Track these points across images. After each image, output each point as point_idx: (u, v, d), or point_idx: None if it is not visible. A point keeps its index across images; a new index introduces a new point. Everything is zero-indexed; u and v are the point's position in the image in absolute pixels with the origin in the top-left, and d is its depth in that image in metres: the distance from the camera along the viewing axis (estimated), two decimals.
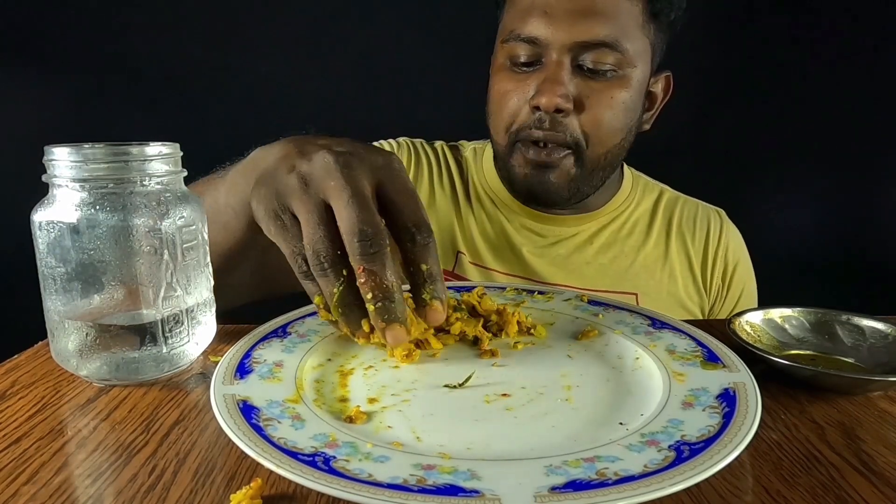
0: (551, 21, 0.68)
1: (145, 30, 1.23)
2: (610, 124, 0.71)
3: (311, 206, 0.40)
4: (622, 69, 0.70)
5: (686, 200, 0.88)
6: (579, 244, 0.82)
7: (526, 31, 0.69)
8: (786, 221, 1.33)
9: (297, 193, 0.41)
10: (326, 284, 0.41)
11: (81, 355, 0.42)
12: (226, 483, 0.32)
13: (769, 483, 0.32)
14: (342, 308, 0.41)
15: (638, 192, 0.86)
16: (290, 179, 0.42)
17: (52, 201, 0.41)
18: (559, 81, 0.68)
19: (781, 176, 1.33)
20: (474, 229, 0.82)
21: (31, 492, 0.31)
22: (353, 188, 0.40)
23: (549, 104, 0.68)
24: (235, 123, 1.26)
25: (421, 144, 0.89)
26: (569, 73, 0.69)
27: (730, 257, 0.85)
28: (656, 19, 0.72)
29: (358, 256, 0.39)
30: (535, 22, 0.69)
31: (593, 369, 0.43)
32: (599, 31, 0.67)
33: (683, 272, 0.83)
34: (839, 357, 0.48)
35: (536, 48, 0.70)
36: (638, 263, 0.82)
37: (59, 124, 1.25)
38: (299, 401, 0.37)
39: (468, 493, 0.28)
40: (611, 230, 0.83)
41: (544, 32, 0.68)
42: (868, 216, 1.35)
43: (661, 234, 0.84)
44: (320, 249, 0.40)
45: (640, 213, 0.85)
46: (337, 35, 1.25)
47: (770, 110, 1.30)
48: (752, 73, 1.28)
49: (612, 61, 0.69)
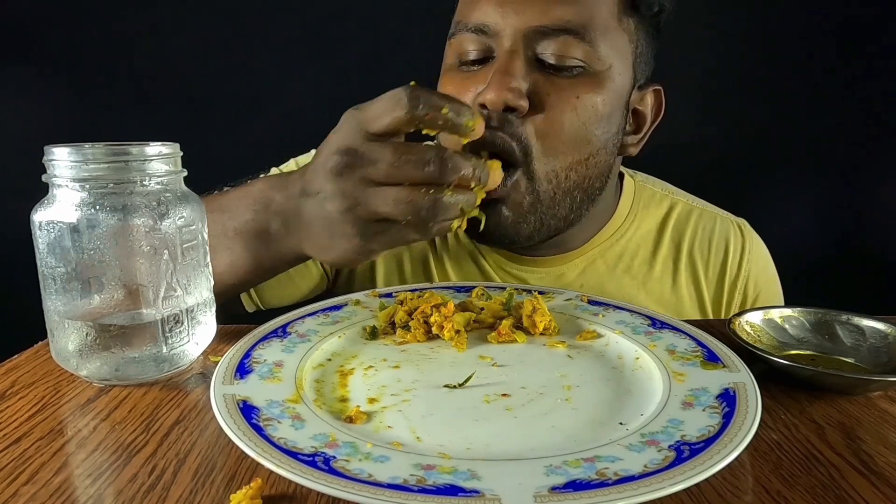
0: (502, 3, 0.57)
1: (145, 30, 1.23)
2: (573, 131, 0.57)
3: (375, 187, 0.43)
4: (591, 65, 0.57)
5: (703, 213, 0.74)
6: (568, 284, 0.69)
7: (473, 19, 0.58)
8: (786, 221, 1.33)
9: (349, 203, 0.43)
10: (460, 163, 0.43)
11: (81, 355, 0.42)
12: (226, 483, 0.32)
13: (769, 483, 0.32)
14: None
15: (639, 210, 0.72)
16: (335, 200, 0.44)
17: (52, 201, 0.41)
18: (510, 73, 0.55)
19: (781, 176, 1.32)
20: (451, 270, 0.71)
21: (31, 492, 0.31)
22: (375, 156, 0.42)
23: (496, 100, 0.54)
24: (235, 123, 1.26)
25: None
26: (524, 64, 0.56)
27: (750, 289, 0.72)
28: (636, 11, 0.60)
29: (444, 177, 0.42)
30: (483, 7, 0.57)
31: (593, 369, 0.43)
32: (561, 15, 0.55)
33: (692, 306, 0.71)
34: (839, 357, 0.48)
35: (487, 38, 0.58)
36: (639, 302, 0.67)
37: (59, 124, 1.25)
38: (299, 401, 0.37)
39: (468, 493, 0.28)
40: (603, 267, 0.69)
41: (494, 18, 0.57)
42: (868, 216, 1.34)
43: (667, 262, 0.71)
44: (417, 174, 0.42)
45: (641, 237, 0.71)
46: (337, 35, 1.25)
47: (770, 110, 1.29)
48: (751, 72, 1.28)
49: (579, 55, 0.56)
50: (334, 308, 0.52)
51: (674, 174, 0.91)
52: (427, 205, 0.42)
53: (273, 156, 0.75)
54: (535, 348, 0.47)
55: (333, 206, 0.44)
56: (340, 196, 0.43)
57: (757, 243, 0.74)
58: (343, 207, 0.43)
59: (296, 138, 0.88)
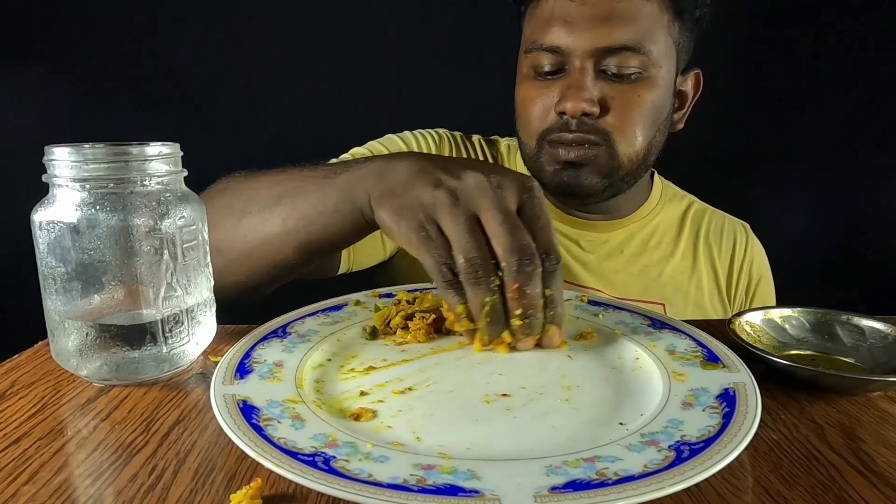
0: (572, 29, 0.68)
1: (145, 30, 1.23)
2: (638, 124, 0.70)
3: (462, 220, 0.42)
4: (647, 71, 0.69)
5: (713, 213, 0.88)
6: (611, 251, 0.82)
7: (548, 41, 0.69)
8: (786, 221, 1.33)
9: (448, 207, 0.43)
10: (478, 293, 0.43)
11: (81, 355, 0.42)
12: (226, 483, 0.32)
13: (769, 483, 0.32)
14: (491, 317, 0.43)
15: (667, 200, 0.86)
16: (439, 193, 0.43)
17: (53, 201, 0.41)
18: (583, 87, 0.68)
19: (781, 176, 1.32)
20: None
21: (31, 492, 0.31)
22: (506, 208, 0.42)
23: (574, 109, 0.68)
24: (235, 123, 1.26)
25: (461, 137, 0.88)
26: (592, 78, 0.68)
27: (754, 272, 0.85)
28: (680, 17, 0.71)
29: (515, 273, 0.41)
30: (556, 31, 0.69)
31: (593, 369, 0.43)
32: (621, 36, 0.67)
33: (710, 284, 0.83)
34: (839, 357, 0.48)
35: (559, 57, 0.69)
36: (666, 274, 0.82)
37: (59, 124, 1.25)
38: (299, 401, 0.37)
39: (468, 493, 0.28)
40: (640, 239, 0.83)
41: (566, 41, 0.68)
42: (868, 216, 1.34)
43: (688, 245, 0.84)
44: (475, 258, 0.42)
45: (669, 222, 0.85)
46: (336, 35, 1.25)
47: (770, 110, 1.29)
48: (751, 71, 1.28)
49: (636, 64, 0.68)
50: (334, 308, 0.52)
51: (676, 175, 0.91)
52: (471, 275, 0.42)
53: (273, 156, 0.75)
54: (535, 348, 0.47)
55: (443, 180, 0.44)
56: (457, 182, 0.44)
57: (756, 240, 0.89)
58: (447, 188, 0.43)
59: (295, 138, 0.89)
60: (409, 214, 0.44)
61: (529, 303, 0.42)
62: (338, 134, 0.87)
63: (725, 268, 0.84)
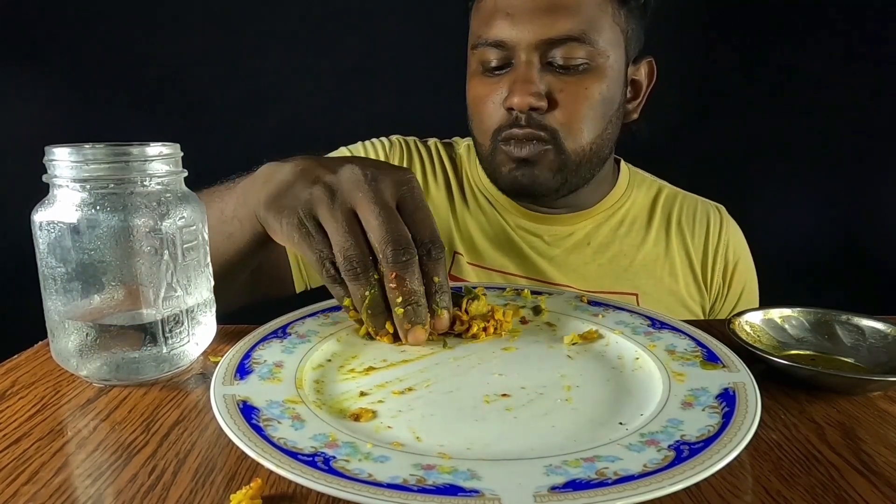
0: (515, 22, 0.67)
1: (145, 30, 1.23)
2: (586, 118, 0.70)
3: (339, 215, 0.44)
4: (594, 61, 0.68)
5: (685, 196, 0.87)
6: (577, 243, 0.80)
7: (492, 35, 0.69)
8: (786, 221, 1.33)
9: (325, 202, 0.44)
10: (357, 288, 0.44)
11: (81, 355, 0.42)
12: (226, 483, 0.32)
13: (769, 483, 0.32)
14: (371, 310, 0.44)
15: (634, 187, 0.85)
16: (316, 189, 0.45)
17: (53, 201, 0.41)
18: (529, 80, 0.67)
19: (781, 175, 1.32)
20: (472, 228, 0.81)
21: (31, 492, 0.31)
22: (382, 201, 0.44)
23: (521, 104, 0.67)
24: (235, 124, 1.26)
25: (414, 143, 0.88)
26: (538, 71, 0.68)
27: (730, 255, 0.83)
28: (626, 5, 0.71)
29: (391, 263, 0.43)
30: (499, 25, 0.68)
31: (593, 369, 0.43)
32: (564, 27, 0.67)
33: (684, 270, 0.82)
34: (839, 357, 0.48)
35: (505, 51, 0.69)
36: (638, 262, 0.80)
37: (59, 124, 1.25)
38: (299, 401, 0.37)
39: (468, 493, 0.28)
40: (607, 228, 0.82)
41: (509, 34, 0.68)
42: (868, 216, 1.34)
43: (660, 231, 0.83)
44: (353, 255, 0.43)
45: (638, 209, 0.84)
46: (336, 35, 1.25)
47: (769, 109, 1.29)
48: (750, 71, 1.28)
49: (582, 55, 0.68)
50: (334, 308, 0.52)
51: (672, 174, 0.91)
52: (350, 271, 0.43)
53: (273, 156, 0.75)
54: (535, 348, 0.47)
55: (321, 176, 0.45)
56: (333, 177, 0.45)
57: (732, 221, 0.86)
58: (324, 184, 0.45)
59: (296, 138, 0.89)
60: (289, 213, 0.45)
61: (409, 290, 0.43)
62: (338, 134, 0.87)
63: (700, 252, 0.83)
